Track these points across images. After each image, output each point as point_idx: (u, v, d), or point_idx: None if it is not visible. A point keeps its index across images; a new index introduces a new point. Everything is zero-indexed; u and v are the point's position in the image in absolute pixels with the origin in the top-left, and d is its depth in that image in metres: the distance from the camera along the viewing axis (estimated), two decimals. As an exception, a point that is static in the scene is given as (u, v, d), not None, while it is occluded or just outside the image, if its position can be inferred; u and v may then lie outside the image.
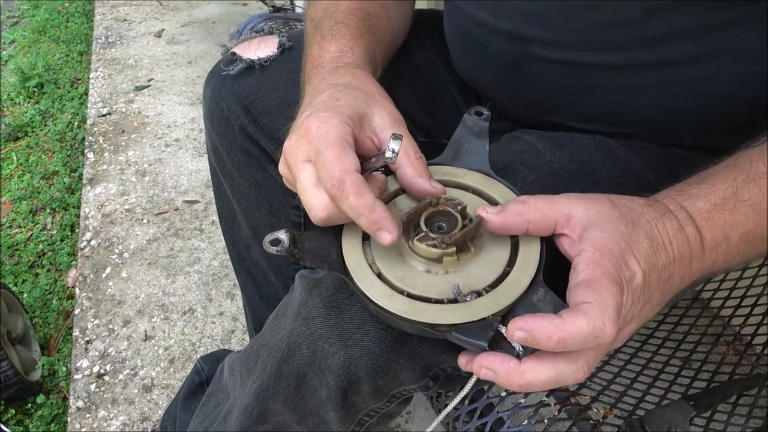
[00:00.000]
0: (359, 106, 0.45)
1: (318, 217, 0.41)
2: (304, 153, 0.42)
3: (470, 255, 0.41)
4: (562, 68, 0.53)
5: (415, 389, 0.50)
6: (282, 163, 0.45)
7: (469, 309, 0.37)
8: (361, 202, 0.39)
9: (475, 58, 0.60)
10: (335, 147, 0.40)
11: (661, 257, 0.38)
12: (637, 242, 0.37)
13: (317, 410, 0.50)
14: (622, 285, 0.35)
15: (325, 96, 0.45)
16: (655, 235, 0.39)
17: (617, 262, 0.36)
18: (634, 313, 0.37)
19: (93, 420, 1.02)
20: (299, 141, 0.43)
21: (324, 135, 0.41)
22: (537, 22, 0.52)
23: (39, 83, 2.03)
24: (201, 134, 1.75)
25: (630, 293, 0.36)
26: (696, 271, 0.41)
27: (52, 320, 1.25)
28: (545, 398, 0.57)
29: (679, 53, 0.48)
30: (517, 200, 0.40)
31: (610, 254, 0.36)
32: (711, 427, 0.59)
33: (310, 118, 0.43)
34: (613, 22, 0.49)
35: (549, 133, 0.56)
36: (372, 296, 0.40)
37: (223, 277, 1.29)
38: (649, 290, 0.38)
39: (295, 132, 0.44)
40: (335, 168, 0.39)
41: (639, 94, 0.52)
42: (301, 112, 0.46)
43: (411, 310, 0.38)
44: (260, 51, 0.64)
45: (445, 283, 0.40)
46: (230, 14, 2.51)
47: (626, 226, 0.38)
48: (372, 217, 0.39)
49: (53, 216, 1.52)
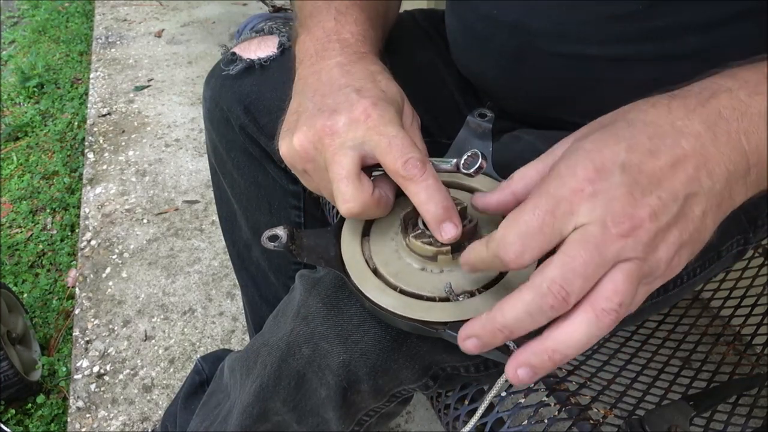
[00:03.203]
0: (399, 99, 0.44)
1: (349, 210, 0.40)
2: (356, 139, 0.40)
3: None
4: (566, 61, 0.53)
5: (415, 389, 0.50)
6: (310, 140, 0.41)
7: (459, 308, 0.37)
8: (440, 187, 0.38)
9: (478, 52, 0.60)
10: (404, 136, 0.40)
11: (665, 147, 0.31)
12: (612, 140, 0.31)
13: (317, 410, 0.50)
14: (558, 203, 0.30)
15: (369, 81, 0.44)
16: (649, 127, 0.32)
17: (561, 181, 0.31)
18: (667, 249, 0.30)
19: (93, 420, 1.02)
20: (353, 125, 0.40)
21: (389, 122, 0.40)
22: (541, 14, 0.52)
23: (39, 83, 2.03)
24: (201, 134, 1.75)
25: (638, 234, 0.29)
26: (762, 147, 0.32)
27: (52, 320, 1.25)
28: (545, 398, 0.57)
29: (682, 47, 0.48)
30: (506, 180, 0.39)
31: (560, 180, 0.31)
32: (711, 427, 0.59)
33: (365, 103, 0.41)
34: (617, 14, 0.49)
35: (549, 133, 0.55)
36: (364, 291, 0.40)
37: (223, 277, 1.29)
38: (651, 174, 0.30)
39: (344, 114, 0.41)
40: (415, 150, 0.39)
41: (642, 89, 0.52)
42: (335, 89, 0.43)
43: (401, 306, 0.38)
44: (260, 51, 0.64)
45: (440, 281, 0.40)
46: (230, 14, 2.51)
47: (594, 129, 0.33)
48: (446, 204, 0.38)
49: (53, 216, 1.52)
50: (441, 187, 0.39)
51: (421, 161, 0.38)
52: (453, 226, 0.38)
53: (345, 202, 0.40)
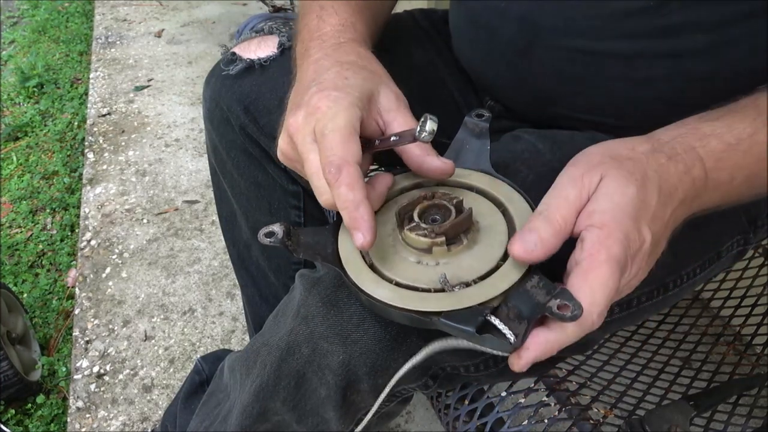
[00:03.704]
0: (367, 86, 0.44)
1: (326, 202, 0.41)
2: (312, 133, 0.41)
3: (462, 247, 0.41)
4: (572, 56, 0.52)
5: (415, 388, 0.50)
6: (285, 140, 0.44)
7: (454, 298, 0.37)
8: (350, 197, 0.38)
9: (483, 45, 0.59)
10: (341, 132, 0.40)
11: (668, 208, 0.38)
12: (647, 204, 0.36)
13: (317, 409, 0.50)
14: (626, 264, 0.35)
15: (333, 73, 0.44)
16: (662, 185, 0.37)
17: (626, 237, 0.35)
18: (642, 275, 0.38)
19: (93, 420, 1.02)
20: (308, 119, 0.41)
21: (333, 117, 0.40)
22: (549, 8, 0.52)
23: (39, 83, 2.03)
24: (201, 134, 1.75)
25: (636, 263, 0.36)
26: (695, 207, 0.41)
27: (52, 320, 1.25)
28: (545, 398, 0.57)
29: (691, 45, 0.48)
30: (541, 225, 0.36)
31: (618, 230, 0.35)
32: (711, 427, 0.59)
33: (319, 96, 0.41)
34: (626, 10, 0.48)
35: (549, 133, 0.55)
36: (360, 284, 0.40)
37: (223, 277, 1.29)
38: (656, 244, 0.38)
39: (302, 108, 0.42)
40: (336, 154, 0.39)
41: (647, 87, 0.52)
42: (304, 87, 0.44)
43: (396, 298, 0.38)
44: (260, 51, 0.64)
45: (435, 273, 0.40)
46: (230, 14, 2.51)
47: (636, 186, 0.36)
48: (353, 214, 0.38)
49: (53, 216, 1.52)
50: (351, 195, 0.38)
51: (336, 166, 0.38)
52: (359, 236, 0.38)
53: (320, 195, 0.41)
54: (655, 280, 0.55)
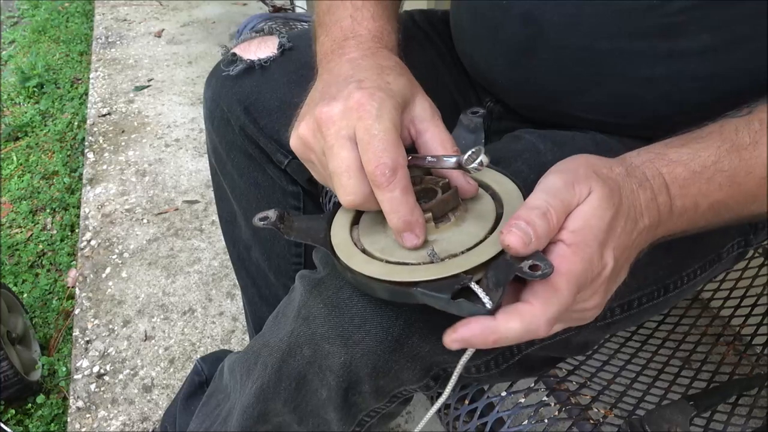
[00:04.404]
0: (406, 93, 0.44)
1: (351, 203, 0.40)
2: (350, 128, 0.40)
3: (450, 225, 0.41)
4: (575, 55, 0.52)
5: (416, 389, 0.50)
6: (310, 128, 0.42)
7: (441, 267, 0.37)
8: (405, 200, 0.38)
9: (486, 42, 0.59)
10: (392, 134, 0.39)
11: (634, 234, 0.38)
12: (615, 231, 0.37)
13: (318, 410, 0.50)
14: (585, 283, 0.35)
15: (374, 74, 0.44)
16: (630, 212, 0.38)
17: (590, 260, 0.36)
18: (598, 299, 0.38)
19: (93, 420, 1.02)
20: (347, 114, 0.40)
21: (378, 117, 0.39)
22: (553, 5, 0.51)
23: (39, 83, 2.03)
24: (201, 134, 1.75)
25: (593, 286, 0.37)
26: (659, 234, 0.41)
27: (52, 320, 1.25)
28: (545, 398, 0.57)
29: (694, 45, 0.48)
30: (539, 223, 0.36)
31: (584, 251, 0.35)
32: (711, 427, 0.59)
33: (362, 93, 0.40)
34: (630, 9, 0.48)
35: (550, 133, 0.55)
36: (351, 264, 0.40)
37: (223, 277, 1.29)
38: (618, 270, 0.38)
39: (340, 101, 0.41)
40: (390, 157, 0.38)
41: (650, 86, 0.51)
42: (340, 81, 0.43)
43: (386, 272, 0.38)
44: (260, 51, 0.64)
45: (424, 250, 0.40)
46: (230, 14, 2.51)
47: (612, 212, 0.37)
48: (409, 218, 0.38)
49: (53, 216, 1.52)
50: (406, 199, 0.38)
51: (391, 169, 0.38)
52: (413, 237, 0.39)
53: (346, 195, 0.40)
54: (656, 281, 0.55)
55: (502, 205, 0.42)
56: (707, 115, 0.52)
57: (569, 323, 0.40)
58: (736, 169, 0.41)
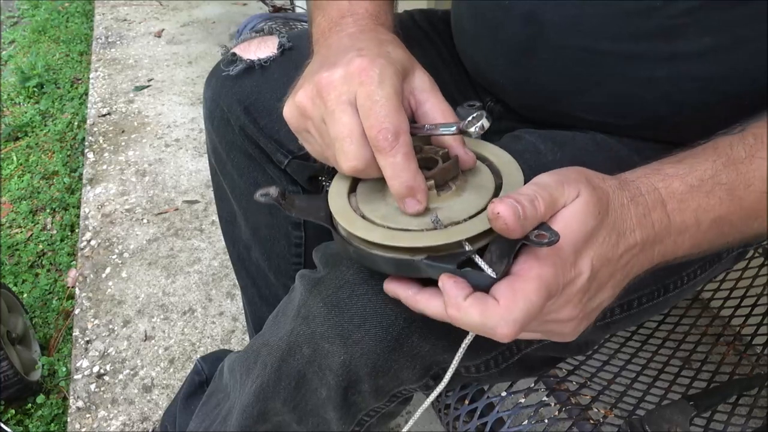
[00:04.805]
0: (406, 63, 0.44)
1: (353, 169, 0.40)
2: (350, 93, 0.39)
3: (451, 193, 0.41)
4: (576, 55, 0.52)
5: (416, 389, 0.50)
6: (309, 95, 0.42)
7: (445, 234, 0.37)
8: (408, 165, 0.38)
9: (486, 42, 0.59)
10: (394, 100, 0.39)
11: (620, 247, 0.38)
12: (598, 239, 0.37)
13: (317, 410, 0.50)
14: (555, 289, 0.35)
15: (374, 45, 0.43)
16: (619, 224, 0.38)
17: (563, 265, 0.35)
18: (572, 310, 0.37)
19: (93, 420, 1.02)
20: (348, 79, 0.40)
21: (381, 82, 0.39)
22: (554, 5, 0.51)
23: (39, 83, 2.03)
24: (201, 134, 1.76)
25: (566, 295, 0.36)
26: (658, 255, 0.40)
27: (52, 320, 1.25)
28: (545, 398, 0.57)
29: (695, 46, 0.48)
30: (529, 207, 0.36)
31: (558, 256, 0.35)
32: (711, 427, 0.59)
33: (362, 60, 0.40)
34: (632, 10, 0.48)
35: (550, 133, 0.55)
36: (352, 230, 0.39)
37: (223, 277, 1.29)
38: (598, 284, 0.38)
39: (340, 67, 0.40)
40: (392, 122, 0.38)
41: (651, 87, 0.51)
42: (340, 50, 0.43)
43: (389, 238, 0.38)
44: (260, 51, 0.64)
45: (426, 218, 0.40)
46: (230, 14, 2.51)
47: (596, 218, 0.37)
48: (411, 183, 0.38)
49: (53, 216, 1.52)
50: (408, 165, 0.38)
51: (393, 133, 0.38)
52: (415, 202, 0.38)
53: (348, 161, 0.40)
54: (656, 281, 0.55)
55: (500, 176, 0.42)
56: (707, 116, 0.52)
57: (547, 335, 0.40)
58: (734, 182, 0.40)
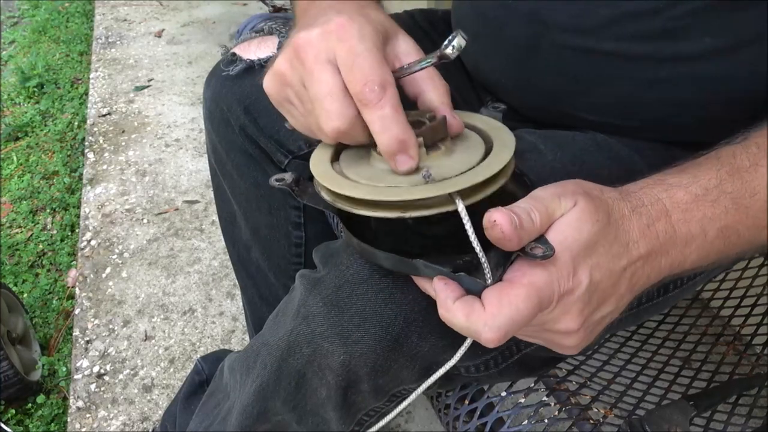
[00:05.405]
0: (387, 26, 0.43)
1: (336, 129, 0.38)
2: (329, 51, 0.38)
3: (440, 153, 0.40)
4: (579, 56, 0.52)
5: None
6: (286, 58, 0.40)
7: (437, 187, 0.36)
8: (397, 118, 0.36)
9: (489, 41, 0.59)
10: (376, 52, 0.37)
11: (623, 260, 0.37)
12: (598, 248, 0.36)
13: (317, 409, 0.50)
14: (549, 298, 0.34)
15: (354, 8, 0.42)
16: (620, 235, 0.37)
17: (559, 274, 0.34)
18: (572, 322, 0.36)
19: (93, 420, 1.02)
20: (325, 36, 0.38)
21: (361, 37, 0.37)
22: (557, 6, 0.51)
23: (39, 83, 2.03)
24: (201, 134, 1.76)
25: (562, 305, 0.35)
26: (665, 267, 0.39)
27: (52, 320, 1.25)
28: (545, 398, 0.57)
29: (698, 48, 0.48)
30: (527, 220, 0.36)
31: (554, 265, 0.35)
32: (711, 427, 0.59)
33: (340, 18, 0.38)
34: (635, 11, 0.48)
35: (551, 133, 0.55)
36: (338, 190, 0.38)
37: (223, 277, 1.29)
38: (600, 296, 0.37)
39: (318, 27, 0.38)
40: (376, 73, 0.36)
41: (653, 88, 0.51)
42: (320, 15, 0.41)
43: (376, 193, 0.37)
44: (260, 51, 0.64)
45: (417, 175, 0.38)
46: (230, 14, 2.51)
47: (593, 227, 0.36)
48: (402, 137, 0.36)
49: (53, 216, 1.52)
50: (398, 117, 0.36)
51: (380, 85, 0.36)
52: (407, 158, 0.37)
53: (330, 120, 0.38)
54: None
55: (491, 140, 0.42)
56: (709, 117, 0.52)
57: (548, 345, 0.39)
58: (739, 191, 0.40)
